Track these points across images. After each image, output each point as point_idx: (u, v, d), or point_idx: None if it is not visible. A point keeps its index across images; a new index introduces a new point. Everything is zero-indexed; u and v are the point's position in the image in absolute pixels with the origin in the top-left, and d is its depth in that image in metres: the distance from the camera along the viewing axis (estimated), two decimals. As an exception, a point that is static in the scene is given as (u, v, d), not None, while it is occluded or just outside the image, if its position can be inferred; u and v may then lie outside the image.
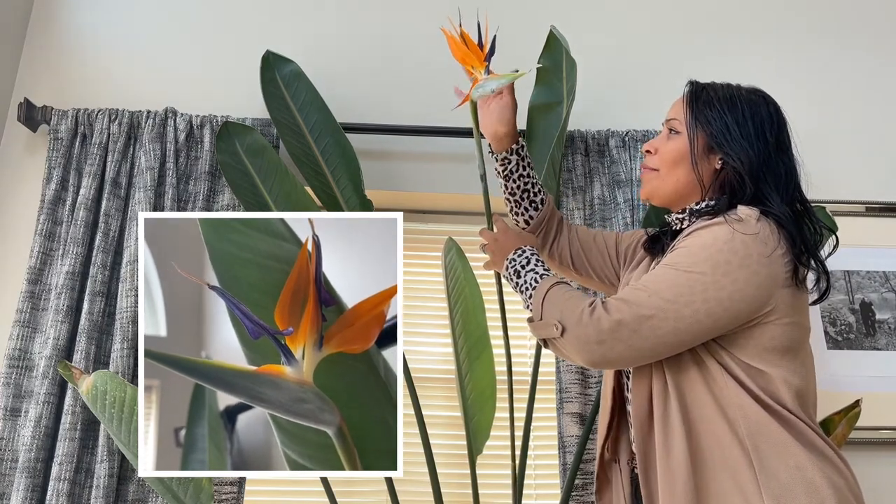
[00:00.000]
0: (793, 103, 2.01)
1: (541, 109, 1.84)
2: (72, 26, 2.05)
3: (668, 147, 1.25)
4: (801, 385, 1.10)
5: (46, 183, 1.80)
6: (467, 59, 1.39)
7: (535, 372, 1.69)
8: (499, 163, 1.44)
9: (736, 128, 1.19)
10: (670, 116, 1.27)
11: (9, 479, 1.60)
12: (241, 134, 1.81)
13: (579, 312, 1.12)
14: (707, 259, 1.08)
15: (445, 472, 1.76)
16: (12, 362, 1.66)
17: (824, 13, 2.17)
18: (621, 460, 1.28)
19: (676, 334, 1.08)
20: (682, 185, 1.24)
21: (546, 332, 1.17)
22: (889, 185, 2.02)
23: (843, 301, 1.92)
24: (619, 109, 1.98)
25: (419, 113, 1.99)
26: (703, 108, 1.23)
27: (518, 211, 1.47)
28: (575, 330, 1.12)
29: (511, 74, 1.34)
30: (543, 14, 1.95)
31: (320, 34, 2.07)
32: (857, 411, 1.62)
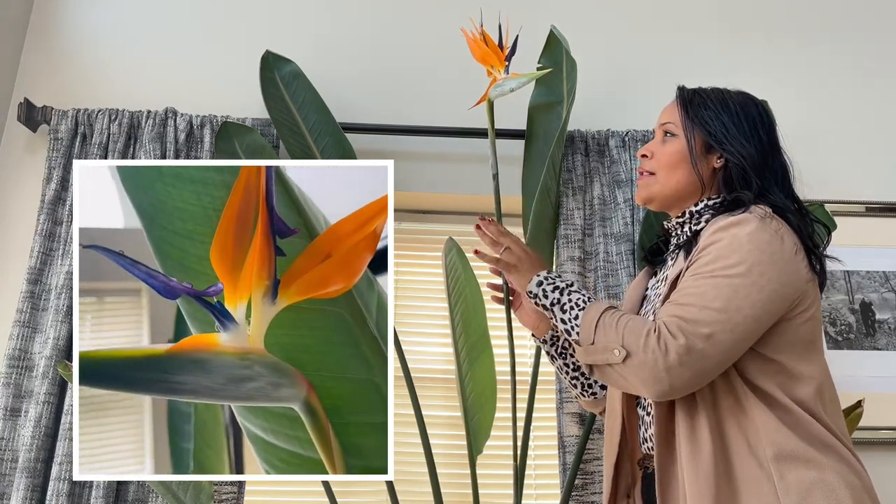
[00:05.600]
0: (793, 103, 2.04)
1: (541, 109, 1.84)
2: (72, 26, 2.05)
3: (665, 150, 1.25)
4: (821, 378, 1.10)
5: (46, 183, 1.80)
6: (487, 58, 1.39)
7: (536, 372, 1.69)
8: (548, 345, 1.42)
9: (732, 126, 1.21)
10: (665, 120, 1.28)
11: (9, 479, 1.60)
12: (241, 134, 1.81)
13: (644, 336, 1.06)
14: (741, 261, 1.06)
15: (445, 472, 1.76)
16: (12, 362, 1.66)
17: (824, 13, 2.17)
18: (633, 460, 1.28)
19: (735, 345, 1.05)
20: (682, 187, 1.24)
21: (602, 357, 1.10)
22: (889, 185, 2.01)
23: (843, 301, 1.92)
24: (619, 109, 1.98)
25: (418, 113, 1.99)
26: (699, 109, 1.24)
27: (588, 383, 1.41)
28: (641, 356, 1.05)
29: (530, 74, 1.34)
30: (543, 14, 1.95)
31: (320, 34, 2.07)
32: (860, 412, 1.62)
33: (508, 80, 1.35)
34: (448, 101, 1.99)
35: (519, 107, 1.85)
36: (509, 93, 1.36)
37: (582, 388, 1.43)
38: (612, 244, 1.82)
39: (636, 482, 1.26)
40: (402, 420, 1.79)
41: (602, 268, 1.80)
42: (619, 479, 1.26)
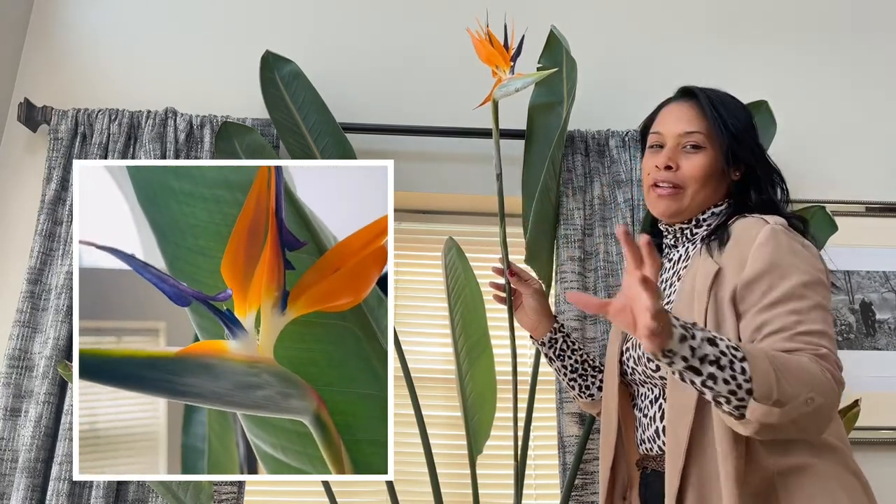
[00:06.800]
0: (793, 103, 2.04)
1: (541, 109, 1.84)
2: (72, 26, 2.05)
3: (693, 164, 1.20)
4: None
5: (46, 183, 1.80)
6: (492, 58, 1.39)
7: (535, 372, 1.69)
8: (547, 346, 1.43)
9: (748, 138, 1.21)
10: (690, 129, 1.21)
11: (9, 479, 1.60)
12: (241, 134, 1.81)
13: (823, 376, 0.94)
14: (805, 283, 1.03)
15: (445, 472, 1.76)
16: (12, 362, 1.66)
17: (825, 13, 2.17)
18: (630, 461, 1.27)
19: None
20: (707, 202, 1.22)
21: (790, 413, 0.91)
22: (889, 185, 2.01)
23: (843, 301, 1.92)
24: (619, 109, 1.98)
25: (418, 113, 1.99)
26: (727, 121, 1.20)
27: (586, 385, 1.42)
28: (828, 399, 0.94)
29: (535, 74, 1.34)
30: (543, 14, 1.95)
31: (320, 34, 2.07)
32: (857, 411, 1.62)
33: (513, 80, 1.34)
34: (448, 101, 1.99)
35: (519, 107, 1.85)
36: (514, 93, 1.35)
37: (580, 389, 1.43)
38: (612, 244, 1.83)
39: (633, 483, 1.25)
40: (402, 420, 1.79)
41: (602, 268, 1.80)
42: (616, 480, 1.26)
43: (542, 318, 1.44)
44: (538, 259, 1.74)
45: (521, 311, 1.47)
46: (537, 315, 1.43)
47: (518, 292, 1.47)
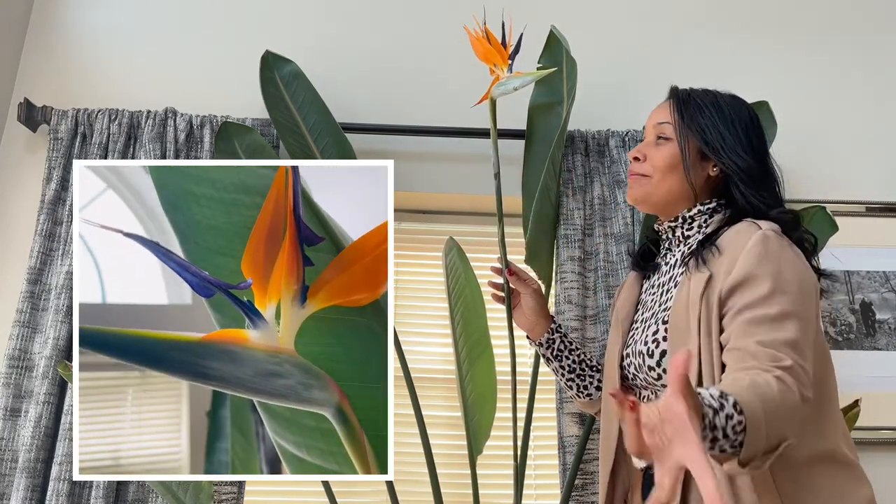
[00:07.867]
0: (793, 103, 2.04)
1: (541, 109, 1.84)
2: (72, 26, 2.05)
3: (659, 154, 1.24)
4: (822, 375, 1.08)
5: (46, 183, 1.80)
6: (490, 56, 1.38)
7: (536, 372, 1.69)
8: (544, 347, 1.43)
9: (728, 135, 1.20)
10: (658, 121, 1.26)
11: (9, 479, 1.60)
12: (241, 134, 1.81)
13: (795, 410, 0.93)
14: (783, 290, 1.03)
15: (445, 472, 1.76)
16: (12, 362, 1.66)
17: (825, 13, 2.17)
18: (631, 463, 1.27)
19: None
20: (674, 193, 1.23)
21: (768, 457, 0.91)
22: (889, 185, 2.01)
23: (843, 301, 1.92)
24: (619, 109, 1.98)
25: (418, 113, 1.99)
26: (694, 115, 1.22)
27: (584, 385, 1.43)
28: (798, 429, 0.95)
29: (534, 73, 1.34)
30: (543, 14, 1.95)
31: (320, 34, 2.07)
32: (857, 411, 1.62)
33: (511, 78, 1.34)
34: (448, 101, 1.99)
35: (519, 107, 1.85)
36: (512, 91, 1.35)
37: (578, 389, 1.43)
38: (612, 244, 1.82)
39: (635, 486, 1.25)
40: (402, 420, 1.79)
41: (602, 268, 1.80)
42: (616, 482, 1.26)
43: (539, 319, 1.44)
44: (538, 259, 1.74)
45: (519, 310, 1.47)
46: (535, 315, 1.43)
47: (516, 292, 1.47)
